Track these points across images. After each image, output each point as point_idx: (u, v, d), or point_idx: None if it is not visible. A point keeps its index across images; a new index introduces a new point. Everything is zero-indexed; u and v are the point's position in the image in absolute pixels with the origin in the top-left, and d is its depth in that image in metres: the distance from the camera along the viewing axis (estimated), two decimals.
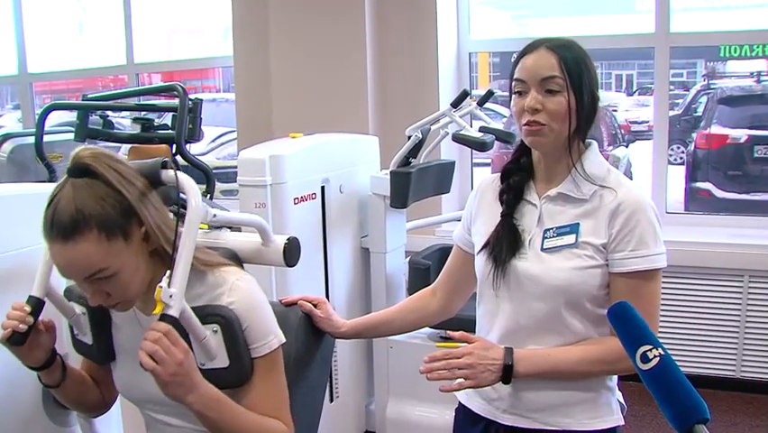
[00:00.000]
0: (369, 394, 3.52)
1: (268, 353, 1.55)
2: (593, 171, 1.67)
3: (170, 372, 1.33)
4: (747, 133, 5.84)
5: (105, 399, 1.75)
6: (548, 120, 1.61)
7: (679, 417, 0.98)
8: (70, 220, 1.36)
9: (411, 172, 3.14)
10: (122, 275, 1.43)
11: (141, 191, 1.45)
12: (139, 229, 1.44)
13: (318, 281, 3.11)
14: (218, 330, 1.49)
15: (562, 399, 1.70)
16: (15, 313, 1.50)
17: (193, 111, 3.57)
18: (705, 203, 6.01)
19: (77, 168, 1.40)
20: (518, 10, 5.12)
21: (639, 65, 10.66)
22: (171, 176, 1.47)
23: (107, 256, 1.39)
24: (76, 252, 1.37)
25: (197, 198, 1.47)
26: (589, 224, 1.65)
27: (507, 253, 1.69)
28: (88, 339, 1.66)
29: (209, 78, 9.63)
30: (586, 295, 1.65)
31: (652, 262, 1.62)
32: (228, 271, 1.58)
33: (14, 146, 4.08)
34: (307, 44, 4.25)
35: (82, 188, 1.39)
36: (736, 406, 3.72)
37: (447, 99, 4.05)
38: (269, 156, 2.84)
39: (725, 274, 3.81)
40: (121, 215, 1.40)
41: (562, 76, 1.60)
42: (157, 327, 1.34)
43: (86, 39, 7.26)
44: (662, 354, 1.03)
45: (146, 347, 1.32)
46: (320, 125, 3.58)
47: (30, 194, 1.86)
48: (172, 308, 1.36)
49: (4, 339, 1.49)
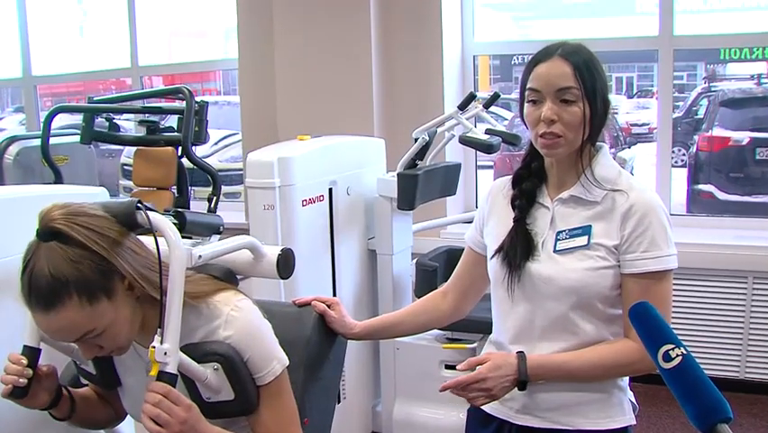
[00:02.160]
0: (375, 395, 3.53)
1: (272, 380, 1.53)
2: (603, 175, 1.69)
3: (176, 431, 1.33)
4: (749, 135, 5.86)
5: (118, 412, 1.74)
6: (564, 131, 1.63)
7: (701, 415, 0.99)
8: (48, 289, 1.30)
9: (418, 174, 3.15)
10: (111, 330, 1.38)
11: (116, 241, 1.37)
12: (122, 282, 1.38)
13: (326, 283, 3.12)
14: (219, 368, 1.46)
15: (575, 399, 1.72)
16: (13, 367, 1.47)
17: (199, 114, 3.60)
18: (707, 205, 6.01)
19: (46, 231, 1.33)
20: (520, 12, 5.14)
21: (639, 67, 10.68)
22: (145, 220, 1.40)
23: (92, 319, 1.34)
24: (59, 320, 1.32)
25: (179, 244, 1.41)
26: (601, 226, 1.67)
27: (521, 258, 1.71)
28: (91, 369, 1.63)
29: (210, 80, 9.64)
30: (598, 296, 1.66)
31: (664, 263, 1.64)
32: (222, 301, 1.52)
33: (20, 149, 4.10)
34: (312, 46, 4.26)
35: (55, 252, 1.31)
36: (741, 407, 3.73)
37: (451, 102, 4.07)
38: (277, 158, 2.85)
39: (729, 276, 3.82)
40: (99, 274, 1.34)
41: (577, 86, 1.61)
42: (156, 389, 1.33)
43: (87, 42, 7.27)
44: (685, 352, 1.04)
45: (148, 411, 1.32)
46: (325, 128, 3.59)
47: (40, 196, 1.88)
48: (168, 365, 1.35)
49: (5, 394, 1.47)
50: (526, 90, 1.67)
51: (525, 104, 1.68)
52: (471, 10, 4.40)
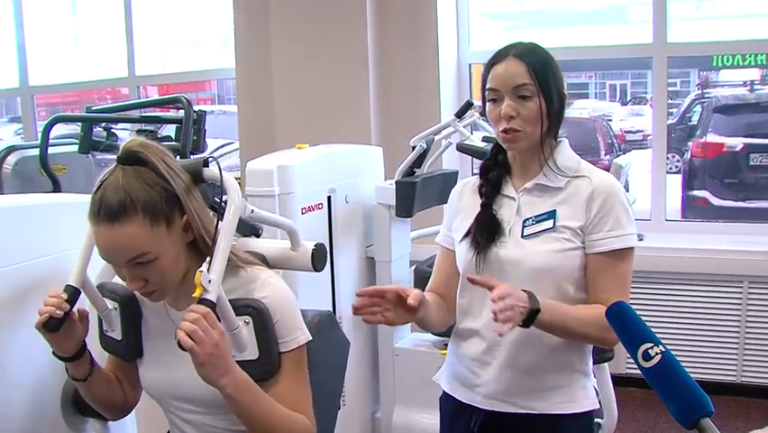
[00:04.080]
0: (375, 402, 3.54)
1: (295, 348, 1.60)
2: (565, 164, 1.80)
3: (207, 351, 1.37)
4: (743, 141, 5.89)
5: (128, 399, 1.77)
6: (523, 125, 1.74)
7: (684, 412, 1.01)
8: (118, 203, 1.42)
9: (416, 182, 3.17)
10: (161, 261, 1.47)
11: (186, 183, 1.51)
12: (180, 218, 1.50)
13: (325, 290, 3.13)
14: (250, 322, 1.54)
15: (541, 383, 1.79)
16: (52, 300, 1.53)
17: (197, 123, 3.61)
18: (702, 211, 6.05)
19: (128, 155, 1.47)
20: (513, 21, 5.17)
21: (633, 74, 10.75)
22: (212, 173, 1.54)
23: (150, 241, 1.45)
24: (121, 234, 1.42)
25: (238, 194, 1.53)
26: (565, 209, 1.76)
27: (487, 240, 1.78)
28: (117, 335, 1.69)
29: (205, 90, 9.66)
30: (567, 277, 1.75)
31: (627, 242, 1.75)
32: (260, 269, 1.64)
33: (19, 158, 4.09)
34: (309, 56, 4.28)
35: (131, 174, 1.45)
36: (738, 411, 3.75)
37: (448, 110, 4.10)
38: (277, 166, 2.86)
39: (724, 280, 3.86)
40: (166, 202, 1.46)
41: (532, 82, 1.73)
42: (196, 309, 1.38)
43: (81, 52, 7.28)
44: (664, 351, 1.06)
45: (185, 327, 1.36)
46: (323, 136, 3.60)
47: (39, 205, 1.91)
48: (210, 293, 1.40)
49: (40, 324, 1.52)
50: (486, 90, 1.79)
51: (486, 103, 1.79)
52: (467, 19, 4.44)
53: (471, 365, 1.87)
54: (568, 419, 1.79)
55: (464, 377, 1.89)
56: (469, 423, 1.87)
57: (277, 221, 1.97)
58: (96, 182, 1.48)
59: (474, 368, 1.86)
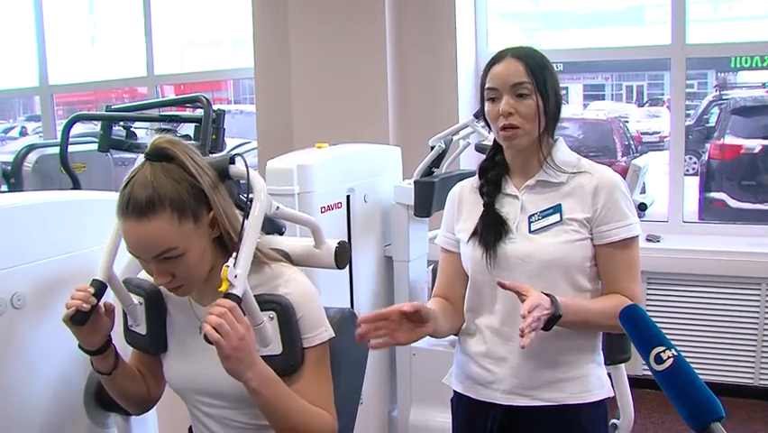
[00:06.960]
0: (392, 401, 3.55)
1: (319, 344, 1.62)
2: (565, 160, 1.85)
3: (233, 345, 1.39)
4: (761, 143, 5.87)
5: (151, 394, 1.78)
6: (521, 122, 1.78)
7: (695, 416, 1.02)
8: (146, 199, 1.45)
9: (435, 182, 3.18)
10: (188, 256, 1.50)
11: (213, 180, 1.54)
12: (207, 214, 1.52)
13: (343, 289, 3.14)
14: (274, 317, 1.56)
15: (557, 375, 1.82)
16: (80, 293, 1.56)
17: (216, 122, 3.63)
18: (720, 213, 6.02)
19: (156, 152, 1.50)
20: (530, 22, 5.17)
21: (650, 76, 10.72)
22: (239, 171, 1.57)
23: (178, 236, 1.47)
24: (149, 229, 1.45)
25: (264, 191, 1.56)
26: (570, 202, 1.81)
27: (495, 237, 1.82)
28: (142, 330, 1.70)
29: (221, 89, 9.69)
30: (577, 267, 1.79)
31: (634, 231, 1.81)
32: (285, 266, 1.67)
33: (39, 156, 4.12)
34: (328, 56, 4.30)
35: (159, 170, 1.48)
36: (755, 414, 3.74)
37: (466, 110, 4.10)
38: (296, 165, 2.87)
39: (742, 283, 3.84)
40: (193, 198, 1.49)
41: (530, 81, 1.78)
42: (222, 303, 1.40)
43: (98, 52, 7.33)
44: (676, 354, 1.07)
45: (211, 321, 1.38)
46: (341, 136, 3.61)
47: (59, 202, 1.93)
48: (236, 288, 1.42)
49: (67, 317, 1.55)
50: (485, 90, 1.82)
51: (485, 102, 1.83)
52: (485, 19, 4.44)
53: (485, 362, 1.88)
54: (586, 409, 1.83)
55: (478, 375, 1.90)
56: (486, 422, 1.88)
57: (301, 218, 1.98)
58: (124, 178, 1.50)
59: (488, 365, 1.88)
